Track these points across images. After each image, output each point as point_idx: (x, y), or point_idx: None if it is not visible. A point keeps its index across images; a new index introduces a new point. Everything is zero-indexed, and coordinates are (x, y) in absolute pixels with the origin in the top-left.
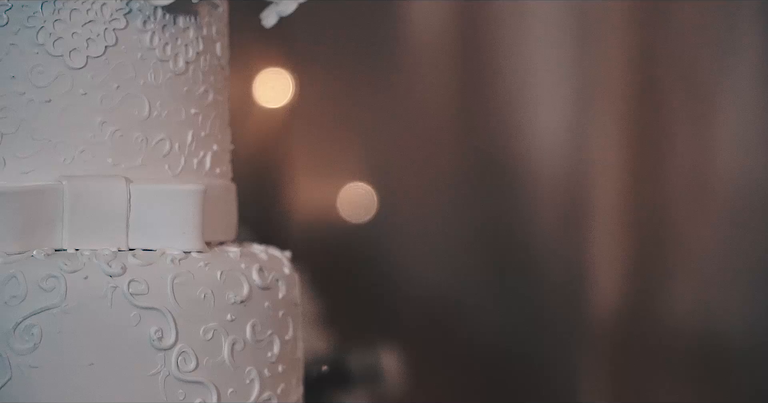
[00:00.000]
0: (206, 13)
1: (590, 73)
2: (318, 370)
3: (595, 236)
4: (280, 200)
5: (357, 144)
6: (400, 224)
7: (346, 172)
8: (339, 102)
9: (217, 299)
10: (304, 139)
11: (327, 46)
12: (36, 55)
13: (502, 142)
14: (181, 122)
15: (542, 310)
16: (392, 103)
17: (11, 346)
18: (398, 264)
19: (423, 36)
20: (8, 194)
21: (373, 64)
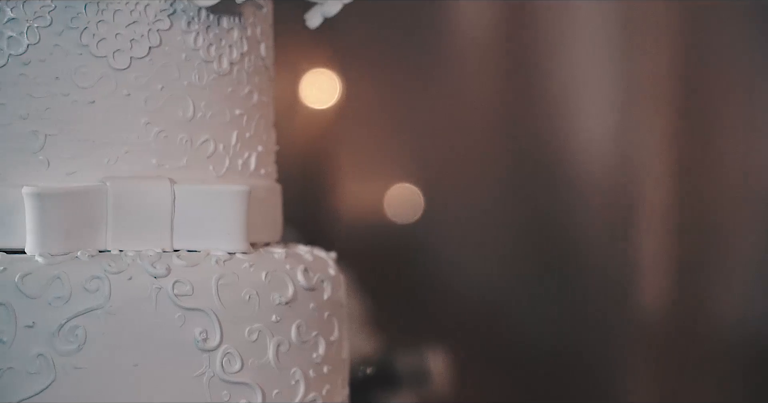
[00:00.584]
0: (250, 13)
1: (636, 72)
2: (363, 371)
3: (641, 237)
4: (327, 201)
5: (403, 145)
6: (447, 224)
7: (393, 172)
8: (385, 102)
9: (261, 300)
10: (351, 140)
11: (373, 46)
12: (80, 56)
13: (547, 142)
14: (226, 123)
15: (588, 310)
16: (438, 104)
17: (55, 347)
18: (444, 265)
19: (468, 36)
20: (52, 195)
21: (419, 65)
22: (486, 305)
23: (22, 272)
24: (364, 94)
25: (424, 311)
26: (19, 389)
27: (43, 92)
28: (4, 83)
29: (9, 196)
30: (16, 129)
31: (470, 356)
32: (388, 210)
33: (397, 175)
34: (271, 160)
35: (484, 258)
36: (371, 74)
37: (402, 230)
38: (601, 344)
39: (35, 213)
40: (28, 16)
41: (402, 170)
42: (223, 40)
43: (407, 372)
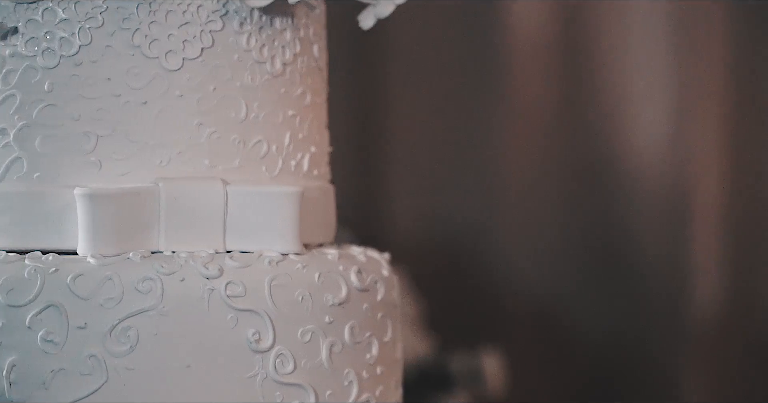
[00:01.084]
0: (303, 14)
1: (691, 74)
2: (415, 372)
3: (697, 237)
4: (381, 202)
5: (459, 146)
6: (502, 225)
7: (447, 174)
8: (440, 103)
9: (315, 300)
10: (406, 142)
11: (426, 47)
12: (132, 56)
13: (604, 143)
14: (279, 124)
15: (643, 310)
16: (493, 105)
17: (107, 348)
18: (499, 265)
19: (523, 37)
20: (104, 196)
21: (473, 66)
22: (540, 306)
23: (75, 273)
24: (419, 96)
25: (479, 311)
26: (72, 390)
27: (95, 93)
28: (56, 84)
29: (61, 197)
30: (68, 130)
31: (524, 357)
32: (443, 211)
33: (453, 175)
34: (324, 161)
35: (539, 258)
36: (426, 75)
37: (457, 231)
38: (656, 345)
39: (87, 214)
40: (80, 17)
41: (457, 171)
42: (275, 41)
43: (461, 373)
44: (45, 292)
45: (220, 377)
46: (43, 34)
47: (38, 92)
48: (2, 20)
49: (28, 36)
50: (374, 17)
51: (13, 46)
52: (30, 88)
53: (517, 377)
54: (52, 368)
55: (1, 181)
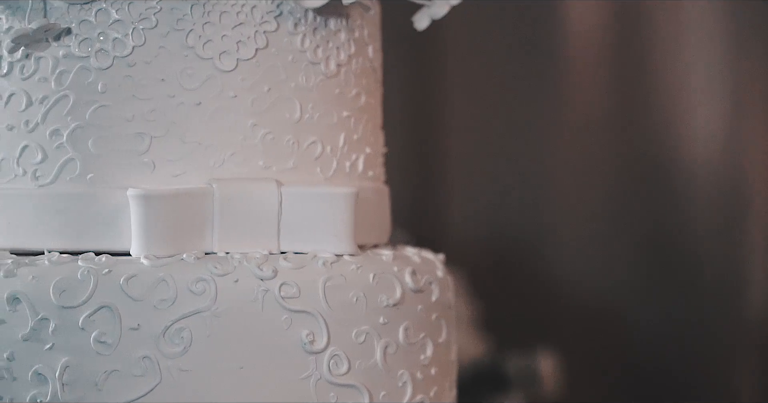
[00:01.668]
0: (358, 15)
1: (746, 72)
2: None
3: (753, 233)
4: (437, 203)
5: (514, 146)
6: (558, 225)
7: (504, 174)
8: (495, 104)
9: (369, 302)
10: (462, 142)
11: (483, 47)
12: (185, 57)
13: (659, 142)
14: (333, 125)
15: (700, 309)
16: (549, 106)
17: (161, 349)
18: (555, 266)
19: (579, 37)
20: (158, 197)
21: (529, 66)
22: (596, 306)
23: (128, 274)
24: (474, 95)
25: (535, 312)
26: (125, 391)
27: (148, 94)
28: (109, 85)
29: (114, 198)
30: (121, 131)
31: (580, 357)
32: (500, 212)
33: (508, 176)
34: (379, 162)
35: (594, 258)
36: (482, 76)
37: (512, 231)
38: (712, 346)
39: (141, 215)
40: (134, 18)
41: (513, 172)
42: (330, 42)
43: (517, 373)
44: (98, 293)
45: (273, 378)
46: (97, 34)
47: (92, 93)
48: (55, 21)
49: (82, 37)
50: (429, 18)
51: (66, 47)
52: (83, 89)
53: (572, 378)
54: (105, 369)
55: (55, 182)
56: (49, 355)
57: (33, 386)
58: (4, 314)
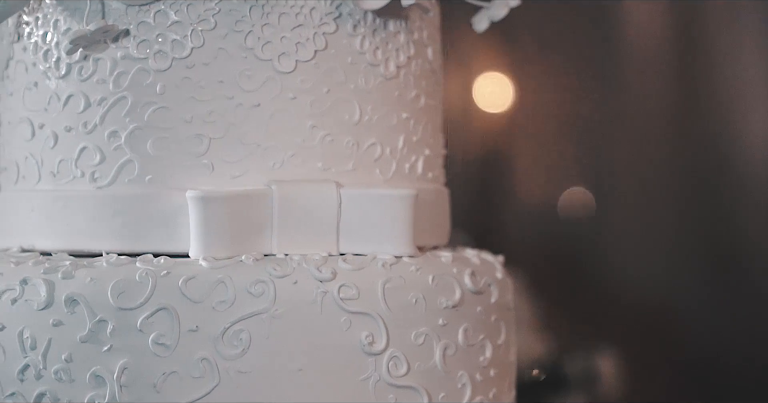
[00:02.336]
0: (417, 17)
1: None
2: (529, 374)
3: None
4: (498, 205)
5: (575, 148)
6: (617, 227)
7: (565, 176)
8: (557, 105)
9: (428, 303)
10: (522, 144)
11: (545, 49)
12: (244, 59)
13: (718, 144)
14: (393, 127)
15: (759, 311)
16: (610, 107)
17: (219, 351)
18: (615, 267)
19: (640, 38)
20: (217, 199)
21: (590, 67)
22: (656, 308)
23: (186, 276)
24: (536, 97)
25: (594, 313)
26: (183, 392)
27: (207, 95)
28: (168, 86)
29: (173, 200)
30: (180, 133)
31: (640, 358)
32: (560, 212)
33: (570, 178)
34: (438, 164)
35: (654, 260)
36: (544, 77)
37: (573, 233)
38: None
39: (200, 217)
40: (192, 20)
41: (574, 173)
42: (389, 44)
43: (577, 374)
44: (156, 295)
45: (332, 380)
46: (155, 36)
47: (150, 95)
48: (113, 22)
49: (140, 38)
50: (488, 20)
51: (124, 49)
52: (141, 90)
53: (631, 378)
54: (163, 370)
55: (113, 183)
56: (107, 357)
57: (91, 388)
58: (62, 315)
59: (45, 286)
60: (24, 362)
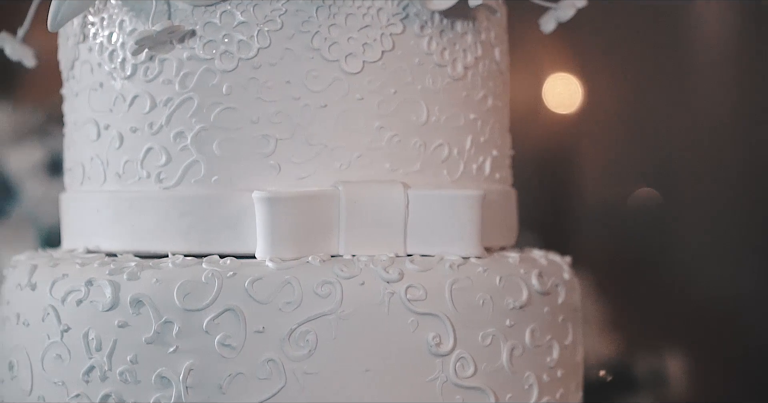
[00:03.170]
0: (484, 18)
1: None
2: (596, 375)
3: None
4: (566, 206)
5: (643, 148)
6: (686, 227)
7: (633, 176)
8: (625, 106)
9: (495, 304)
10: (590, 144)
11: (613, 49)
12: (311, 59)
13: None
14: (460, 127)
15: None
16: (678, 107)
17: (286, 352)
18: (683, 268)
19: (709, 38)
20: (284, 200)
21: (658, 67)
22: (724, 308)
23: (253, 277)
24: (605, 98)
25: (663, 314)
26: (249, 394)
27: (273, 96)
28: (234, 87)
29: (239, 200)
30: (246, 133)
31: (708, 359)
32: (629, 213)
33: (637, 178)
34: (506, 165)
35: (723, 260)
36: (610, 78)
37: (641, 233)
38: None
39: (266, 218)
40: (259, 20)
41: (642, 174)
42: (456, 45)
43: (645, 375)
44: (222, 296)
45: (399, 381)
46: (221, 36)
47: (216, 95)
48: (179, 23)
49: (206, 39)
50: (555, 21)
51: (190, 49)
52: (208, 91)
53: (700, 379)
54: (229, 372)
55: (179, 184)
56: (172, 358)
57: (156, 389)
58: (127, 317)
59: (110, 287)
60: (89, 364)
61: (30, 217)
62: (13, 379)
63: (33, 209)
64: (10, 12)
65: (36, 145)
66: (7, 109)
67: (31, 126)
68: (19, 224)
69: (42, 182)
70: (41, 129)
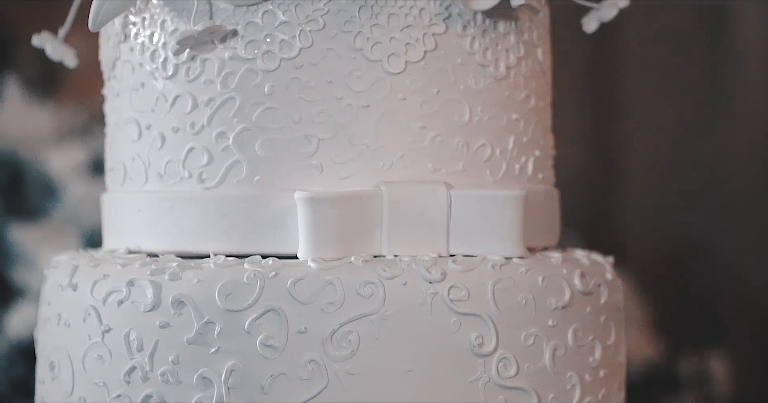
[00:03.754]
0: (527, 18)
1: None
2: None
3: None
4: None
5: (687, 149)
6: (730, 228)
7: (677, 175)
8: (670, 106)
9: (538, 304)
10: (634, 144)
11: (656, 48)
12: (353, 59)
13: None
14: (502, 127)
15: None
16: (724, 107)
17: (328, 353)
18: (728, 268)
19: (756, 37)
20: (326, 200)
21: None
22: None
23: (295, 277)
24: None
25: (707, 314)
26: (291, 394)
27: (315, 96)
28: (276, 87)
29: (281, 201)
30: (288, 133)
31: (753, 360)
32: (672, 214)
33: (682, 177)
34: (548, 165)
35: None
36: (654, 78)
37: (685, 233)
38: None
39: (308, 218)
40: (301, 20)
41: (685, 175)
42: (499, 45)
43: (689, 375)
44: (265, 296)
45: (441, 382)
46: (263, 36)
47: (258, 95)
48: (221, 23)
49: (248, 39)
50: (597, 21)
51: (232, 49)
52: (250, 91)
53: (744, 379)
54: (271, 372)
55: (221, 184)
56: (214, 358)
57: (198, 390)
58: (169, 317)
59: (152, 287)
60: (130, 364)
61: (73, 217)
62: (54, 380)
63: (76, 210)
64: (51, 12)
65: (78, 145)
66: (49, 110)
67: (74, 126)
68: (62, 225)
69: (84, 182)
70: (84, 129)
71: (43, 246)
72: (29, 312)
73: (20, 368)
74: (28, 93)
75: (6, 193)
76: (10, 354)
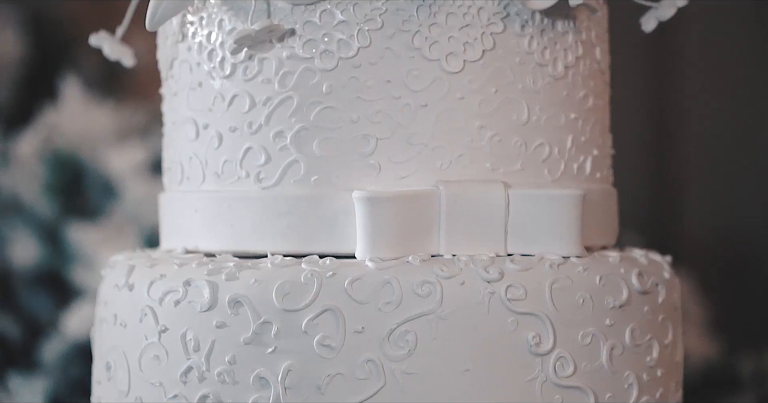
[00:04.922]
0: (585, 17)
1: None
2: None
3: None
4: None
5: (748, 148)
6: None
7: (738, 176)
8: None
9: (596, 303)
10: (694, 144)
11: (716, 47)
12: (411, 59)
13: None
14: (561, 127)
15: None
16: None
17: (385, 352)
18: None
19: None
20: (384, 199)
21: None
22: None
23: (352, 276)
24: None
25: (767, 312)
26: (348, 394)
27: (373, 95)
28: (334, 86)
29: (339, 200)
30: (346, 133)
31: None
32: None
33: (741, 175)
34: (606, 164)
35: None
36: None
37: (744, 232)
38: None
39: (366, 218)
40: (359, 19)
41: (747, 174)
42: (557, 44)
43: (749, 374)
44: (322, 296)
45: (498, 381)
46: (321, 36)
47: (316, 94)
48: (279, 22)
49: (306, 38)
50: (656, 20)
51: (290, 48)
52: (307, 90)
53: None
54: (328, 372)
55: (279, 184)
56: (271, 358)
57: (255, 390)
58: (225, 317)
59: (208, 287)
60: (187, 364)
61: (132, 217)
62: (110, 380)
63: (135, 210)
64: (110, 11)
65: (138, 144)
66: (109, 109)
67: (134, 126)
68: (121, 225)
69: (144, 182)
70: (143, 128)
71: (103, 246)
72: (88, 312)
73: (78, 368)
74: (88, 93)
75: (66, 193)
76: (68, 354)
